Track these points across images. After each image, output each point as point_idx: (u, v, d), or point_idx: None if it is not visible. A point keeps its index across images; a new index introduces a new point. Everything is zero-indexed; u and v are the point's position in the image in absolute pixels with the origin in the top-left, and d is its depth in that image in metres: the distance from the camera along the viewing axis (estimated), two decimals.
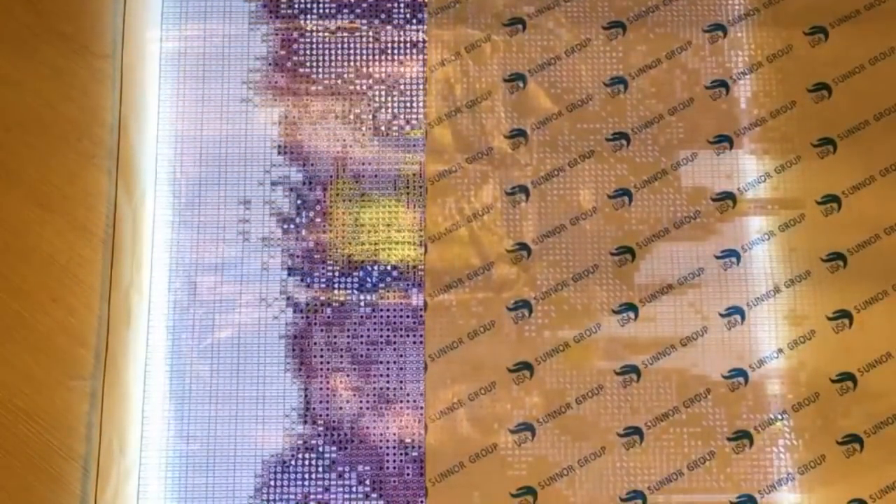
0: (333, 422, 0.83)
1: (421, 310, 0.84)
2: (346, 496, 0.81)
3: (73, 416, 0.82)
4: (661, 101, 0.89)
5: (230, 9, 0.91)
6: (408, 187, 0.87)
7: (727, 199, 0.86)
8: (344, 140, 0.88)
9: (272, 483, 0.81)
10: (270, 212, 0.87)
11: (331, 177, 0.87)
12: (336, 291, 0.85)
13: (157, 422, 0.82)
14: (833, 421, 0.82)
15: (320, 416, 0.83)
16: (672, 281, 0.85)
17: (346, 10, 0.91)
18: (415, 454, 0.82)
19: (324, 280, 0.85)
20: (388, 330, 0.84)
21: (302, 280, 0.85)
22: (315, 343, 0.84)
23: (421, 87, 0.89)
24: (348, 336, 0.84)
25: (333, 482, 0.81)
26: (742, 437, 0.82)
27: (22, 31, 0.89)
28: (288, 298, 0.85)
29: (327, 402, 0.83)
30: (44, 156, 0.87)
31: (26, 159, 0.87)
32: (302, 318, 0.84)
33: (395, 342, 0.84)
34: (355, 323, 0.84)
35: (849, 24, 0.90)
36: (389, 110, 0.89)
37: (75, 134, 0.87)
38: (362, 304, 0.85)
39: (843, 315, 0.84)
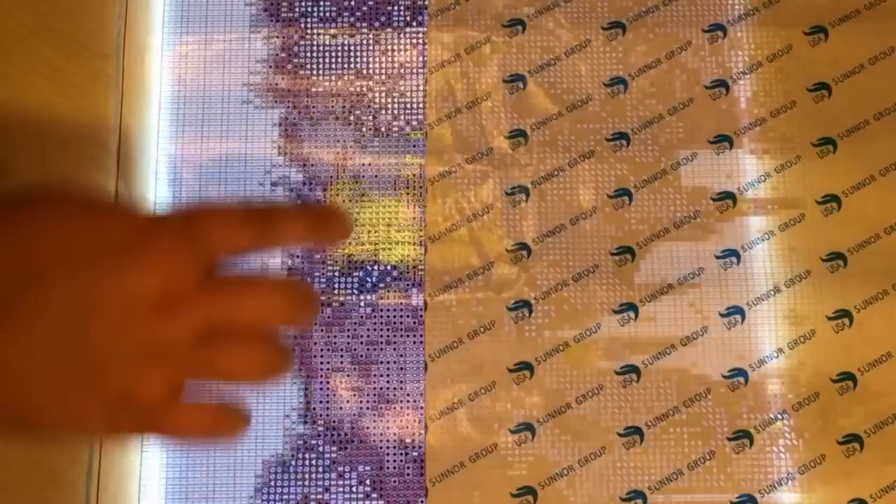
0: (333, 422, 0.83)
1: (421, 310, 0.84)
2: (346, 496, 0.81)
3: None
4: (661, 101, 0.89)
5: (231, 12, 0.91)
6: (408, 187, 0.87)
7: (727, 199, 0.86)
8: (344, 141, 0.88)
9: (272, 483, 0.81)
10: None
11: (331, 177, 0.87)
12: (336, 291, 0.85)
13: None
14: (833, 421, 0.82)
15: (320, 416, 0.83)
16: (672, 281, 0.85)
17: (346, 13, 0.91)
18: (415, 454, 0.82)
19: (324, 280, 0.85)
20: (388, 330, 0.84)
21: (302, 280, 0.85)
22: (315, 343, 0.84)
23: (421, 88, 0.89)
24: (348, 336, 0.84)
25: (333, 482, 0.81)
26: (742, 436, 0.82)
27: (22, 30, 0.89)
28: None
29: (327, 402, 0.83)
30: (44, 156, 0.87)
31: (26, 160, 0.87)
32: None
33: (395, 342, 0.84)
34: (355, 323, 0.84)
35: (849, 24, 0.90)
36: (390, 111, 0.89)
37: (75, 134, 0.87)
38: (362, 304, 0.85)
39: (843, 315, 0.84)
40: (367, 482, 0.81)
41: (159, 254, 0.33)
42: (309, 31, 0.90)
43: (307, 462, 0.82)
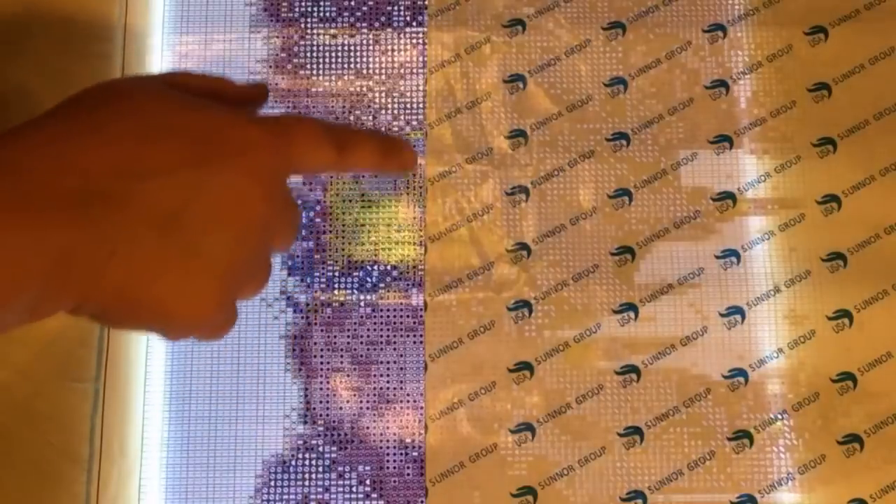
0: (333, 422, 0.83)
1: (421, 310, 0.84)
2: (346, 496, 0.81)
3: (74, 416, 0.82)
4: (661, 101, 0.89)
5: (231, 12, 0.91)
6: (408, 187, 0.87)
7: (727, 199, 0.86)
8: None
9: (272, 483, 0.81)
10: None
11: (330, 177, 0.87)
12: (336, 291, 0.85)
13: (158, 422, 0.82)
14: (833, 421, 0.82)
15: (320, 416, 0.83)
16: (672, 281, 0.85)
17: (346, 13, 0.91)
18: (415, 454, 0.82)
19: (324, 280, 0.85)
20: (388, 330, 0.84)
21: (302, 280, 0.85)
22: (315, 343, 0.84)
23: (421, 88, 0.89)
24: (348, 336, 0.84)
25: (333, 482, 0.81)
26: (742, 436, 0.82)
27: (22, 30, 0.89)
28: (288, 298, 0.85)
29: (327, 402, 0.83)
30: None
31: None
32: (302, 318, 0.84)
33: (395, 342, 0.84)
34: (355, 323, 0.84)
35: (849, 24, 0.90)
36: (390, 111, 0.89)
37: None
38: (362, 304, 0.85)
39: (843, 315, 0.84)
40: (367, 482, 0.81)
41: (261, 161, 0.34)
42: (309, 31, 0.90)
43: (307, 462, 0.82)
